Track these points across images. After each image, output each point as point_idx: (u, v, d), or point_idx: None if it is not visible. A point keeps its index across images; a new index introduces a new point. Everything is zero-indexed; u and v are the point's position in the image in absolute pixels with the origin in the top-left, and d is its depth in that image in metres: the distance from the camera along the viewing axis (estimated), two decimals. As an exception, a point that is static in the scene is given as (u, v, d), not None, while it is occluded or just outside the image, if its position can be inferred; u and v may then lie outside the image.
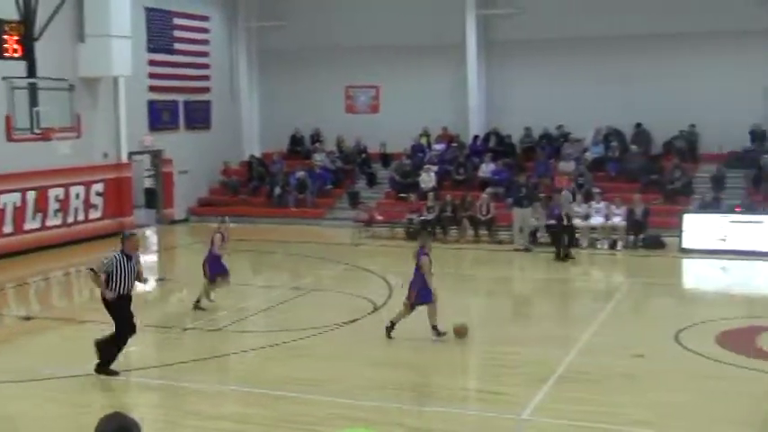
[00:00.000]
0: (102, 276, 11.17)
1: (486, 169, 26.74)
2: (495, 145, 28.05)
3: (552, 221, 22.54)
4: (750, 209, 22.51)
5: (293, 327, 13.98)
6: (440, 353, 12.59)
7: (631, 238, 22.39)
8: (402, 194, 26.45)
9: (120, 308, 11.27)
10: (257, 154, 30.20)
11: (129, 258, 11.27)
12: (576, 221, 22.75)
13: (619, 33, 26.71)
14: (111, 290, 11.15)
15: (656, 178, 25.29)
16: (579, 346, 12.59)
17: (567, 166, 26.38)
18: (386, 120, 29.51)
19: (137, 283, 11.57)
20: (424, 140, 28.97)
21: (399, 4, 28.96)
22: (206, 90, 29.30)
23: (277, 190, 27.89)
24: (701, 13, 25.92)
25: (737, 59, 25.95)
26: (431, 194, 24.84)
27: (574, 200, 23.40)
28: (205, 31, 29.24)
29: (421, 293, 12.97)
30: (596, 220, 22.87)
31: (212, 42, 29.60)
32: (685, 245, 21.54)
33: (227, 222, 16.41)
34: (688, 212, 22.44)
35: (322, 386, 10.98)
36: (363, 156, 29.17)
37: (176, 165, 27.74)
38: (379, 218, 24.97)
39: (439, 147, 28.67)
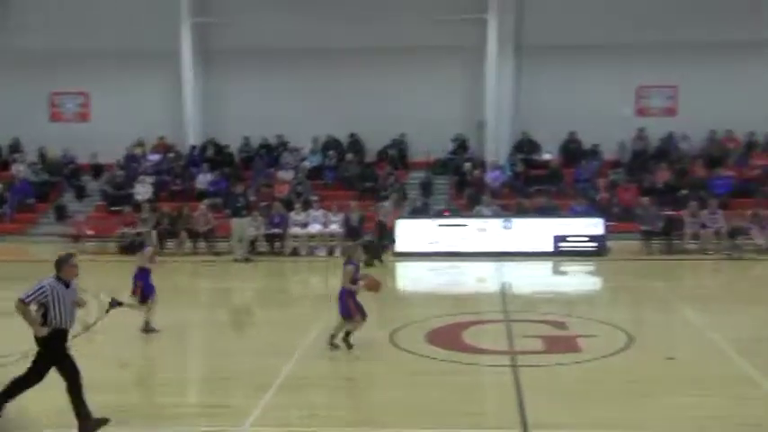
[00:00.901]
0: (34, 308, 9.15)
1: (204, 180, 26.54)
2: (213, 155, 27.89)
3: (273, 230, 22.86)
4: (455, 213, 24.05)
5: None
6: (159, 369, 12.29)
7: (349, 244, 23.09)
8: (115, 207, 25.57)
9: (54, 348, 9.32)
10: (-53, 165, 27.99)
11: (68, 286, 9.34)
12: (295, 230, 23.21)
13: (334, 46, 27.57)
14: (46, 325, 9.20)
15: (370, 185, 26.32)
16: (300, 353, 12.77)
17: (286, 174, 26.81)
18: (97, 129, 28.46)
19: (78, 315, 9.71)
20: (138, 150, 28.20)
21: (109, 7, 27.99)
22: None
23: (-29, 204, 26.02)
24: (407, 28, 27.41)
25: (440, 72, 27.68)
26: (146, 206, 24.20)
27: (292, 208, 23.82)
28: None
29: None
30: (314, 228, 23.39)
31: None
32: (399, 248, 22.59)
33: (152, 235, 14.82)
34: (400, 218, 23.56)
35: (28, 417, 10.27)
36: (71, 167, 27.84)
37: None
38: (90, 232, 23.92)
39: (154, 157, 28.04)
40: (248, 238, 22.55)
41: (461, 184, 26.27)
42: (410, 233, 22.77)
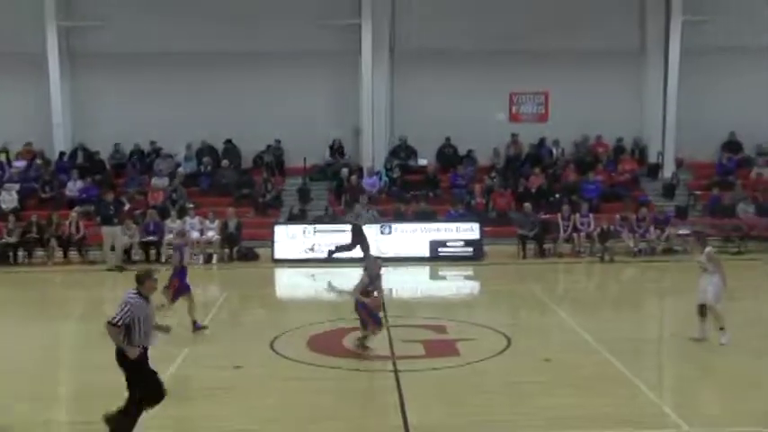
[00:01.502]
0: (122, 329, 9.03)
1: (74, 187, 25.72)
2: (83, 161, 27.06)
3: (148, 238, 22.33)
4: (333, 218, 24.01)
5: None
6: (27, 383, 11.76)
7: (226, 251, 22.80)
8: (-21, 216, 24.49)
9: (141, 366, 9.23)
10: None
11: (148, 302, 9.26)
12: (171, 237, 22.69)
13: (208, 50, 27.16)
14: (132, 345, 9.09)
15: (247, 192, 26.04)
16: (179, 362, 12.49)
17: (161, 181, 26.22)
18: (-43, 134, 27.13)
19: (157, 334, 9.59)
20: (2, 157, 27.08)
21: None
22: None
23: None
24: (283, 33, 27.28)
25: (316, 78, 27.64)
26: (12, 216, 23.24)
27: (168, 216, 23.31)
28: None
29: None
30: (191, 235, 22.92)
31: None
32: (277, 255, 22.42)
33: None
34: (278, 224, 23.38)
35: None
36: (-69, 174, 26.50)
37: None
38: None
39: (20, 164, 26.97)
40: (122, 246, 21.94)
41: (339, 190, 26.28)
42: (288, 240, 22.61)
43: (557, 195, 25.81)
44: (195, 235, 22.94)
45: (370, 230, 22.70)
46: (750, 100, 27.54)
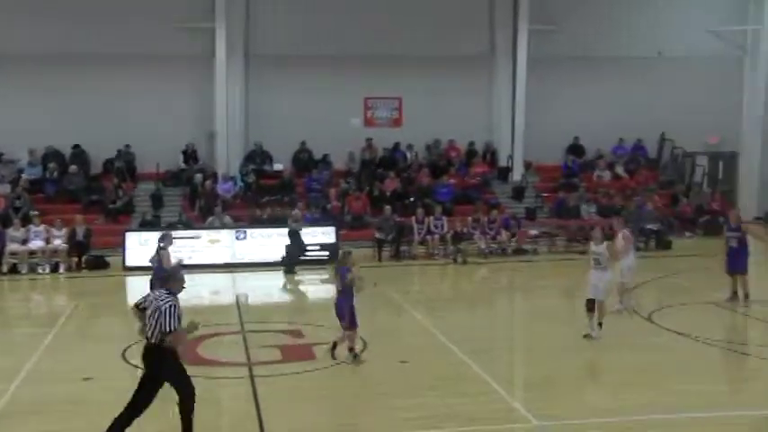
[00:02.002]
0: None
1: None
2: None
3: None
4: (188, 225, 23.59)
5: None
6: None
7: (74, 259, 22.04)
8: None
9: (179, 362, 9.34)
10: None
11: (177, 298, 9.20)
12: (14, 246, 21.80)
13: (53, 51, 26.18)
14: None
15: (97, 198, 25.26)
16: (22, 377, 11.96)
17: (3, 188, 25.08)
18: None
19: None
20: None
21: None
22: None
23: None
24: (135, 35, 26.61)
25: (169, 81, 27.07)
26: None
27: (10, 224, 22.33)
28: None
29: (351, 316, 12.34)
30: (36, 244, 22.07)
31: None
32: (129, 263, 21.80)
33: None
34: (130, 231, 22.76)
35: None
36: None
37: None
38: None
39: None
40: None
41: (193, 196, 25.82)
42: (140, 246, 21.99)
43: (411, 198, 26.22)
44: (40, 244, 22.05)
45: (224, 236, 22.58)
46: (592, 106, 28.85)
